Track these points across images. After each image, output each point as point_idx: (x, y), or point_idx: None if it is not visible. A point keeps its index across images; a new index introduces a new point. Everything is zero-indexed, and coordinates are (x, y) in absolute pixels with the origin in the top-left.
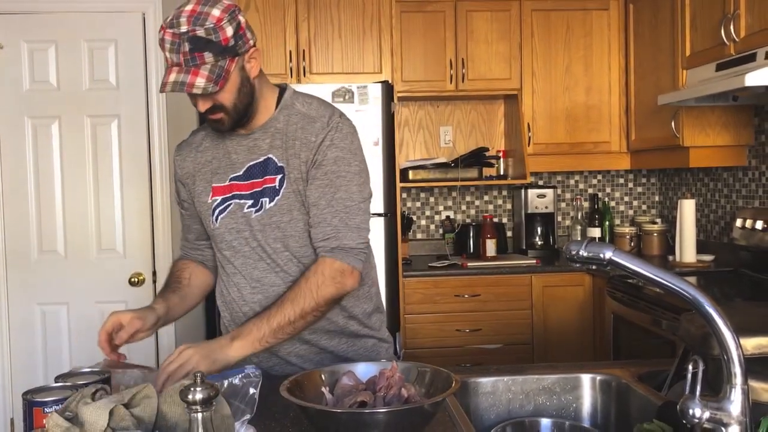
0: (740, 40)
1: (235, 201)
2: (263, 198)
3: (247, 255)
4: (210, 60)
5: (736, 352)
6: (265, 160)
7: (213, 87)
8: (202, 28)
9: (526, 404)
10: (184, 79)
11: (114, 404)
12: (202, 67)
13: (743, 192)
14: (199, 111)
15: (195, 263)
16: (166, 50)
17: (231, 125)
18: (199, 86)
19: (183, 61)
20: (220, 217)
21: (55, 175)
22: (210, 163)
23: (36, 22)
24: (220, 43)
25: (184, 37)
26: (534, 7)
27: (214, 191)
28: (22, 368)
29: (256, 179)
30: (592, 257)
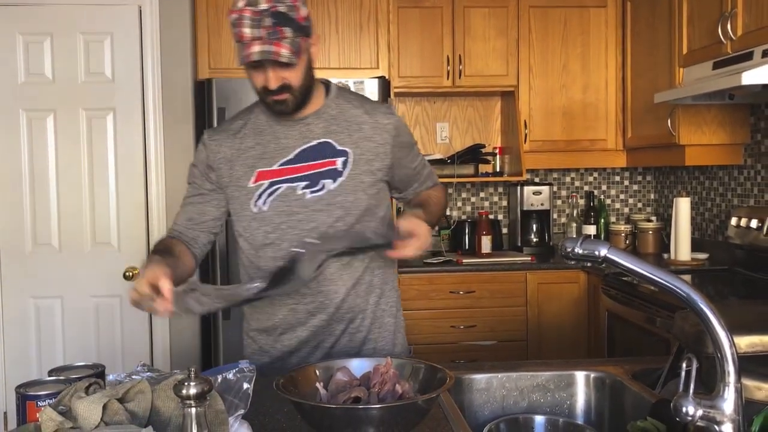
0: (737, 39)
1: (286, 185)
2: (324, 179)
3: (294, 239)
4: (289, 35)
5: (729, 351)
6: (320, 144)
7: (294, 59)
8: (283, 5)
9: (520, 401)
10: (270, 49)
11: (108, 399)
12: (283, 40)
13: (738, 191)
14: (268, 89)
15: (183, 244)
16: (246, 26)
17: (294, 107)
18: (285, 56)
19: (265, 34)
20: (269, 200)
21: (49, 168)
22: (253, 149)
23: (31, 14)
24: (297, 20)
25: (265, 13)
26: (531, 4)
27: (259, 175)
28: (15, 362)
29: (312, 162)
30: (587, 254)
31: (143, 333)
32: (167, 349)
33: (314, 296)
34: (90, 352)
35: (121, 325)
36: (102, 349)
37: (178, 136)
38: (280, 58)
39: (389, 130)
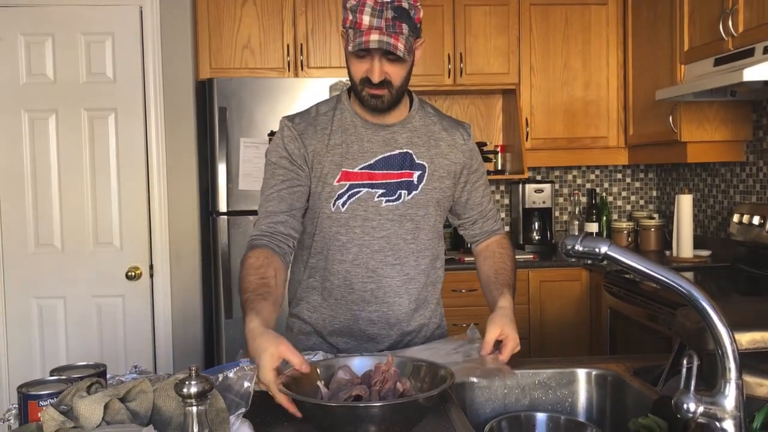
0: (739, 35)
1: (366, 189)
2: (401, 190)
3: (367, 244)
4: (406, 32)
5: (730, 347)
6: (402, 154)
7: (407, 56)
8: (406, 1)
9: (522, 398)
10: (389, 40)
11: (109, 398)
12: (400, 35)
13: (740, 187)
14: (371, 81)
15: (274, 255)
16: (366, 14)
17: (389, 104)
18: (401, 50)
19: (385, 26)
20: (348, 203)
21: (51, 168)
22: (340, 147)
23: (33, 15)
24: (414, 20)
25: (388, 5)
26: (532, 2)
27: (343, 175)
28: (18, 362)
29: (391, 170)
30: (587, 252)
31: (146, 333)
32: (169, 349)
33: (379, 305)
34: (93, 352)
35: (124, 324)
36: (105, 349)
37: (180, 136)
38: (397, 51)
39: (464, 151)
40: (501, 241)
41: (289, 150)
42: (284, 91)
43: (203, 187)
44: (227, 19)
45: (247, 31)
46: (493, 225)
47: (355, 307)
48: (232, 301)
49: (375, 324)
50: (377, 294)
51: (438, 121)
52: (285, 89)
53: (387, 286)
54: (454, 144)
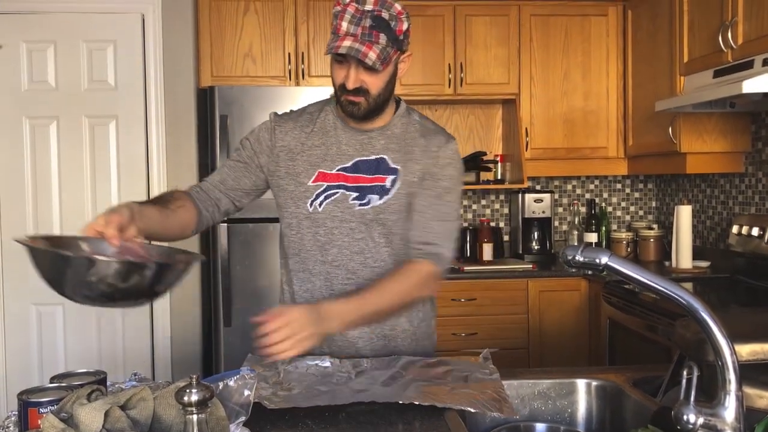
0: (738, 47)
1: (341, 191)
2: (371, 195)
3: (345, 245)
4: (383, 42)
5: (730, 359)
6: (377, 159)
7: (379, 65)
8: (387, 12)
9: (522, 408)
10: (359, 48)
11: (109, 405)
12: (375, 45)
13: (740, 198)
14: (346, 87)
15: (192, 203)
16: (344, 20)
17: (365, 113)
18: (371, 59)
19: (360, 34)
20: (325, 203)
21: (52, 174)
22: (318, 148)
23: (35, 22)
24: (395, 31)
25: (368, 14)
26: (533, 12)
27: (319, 176)
28: (17, 368)
29: (364, 174)
30: (588, 262)
31: (145, 340)
32: (168, 356)
33: None
34: (91, 358)
35: (123, 332)
36: (103, 355)
37: (181, 144)
38: (366, 59)
39: (432, 157)
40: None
41: (258, 137)
42: (285, 99)
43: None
44: (229, 28)
45: (248, 39)
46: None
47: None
48: (231, 309)
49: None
50: None
51: (419, 128)
52: (286, 98)
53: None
54: (427, 149)
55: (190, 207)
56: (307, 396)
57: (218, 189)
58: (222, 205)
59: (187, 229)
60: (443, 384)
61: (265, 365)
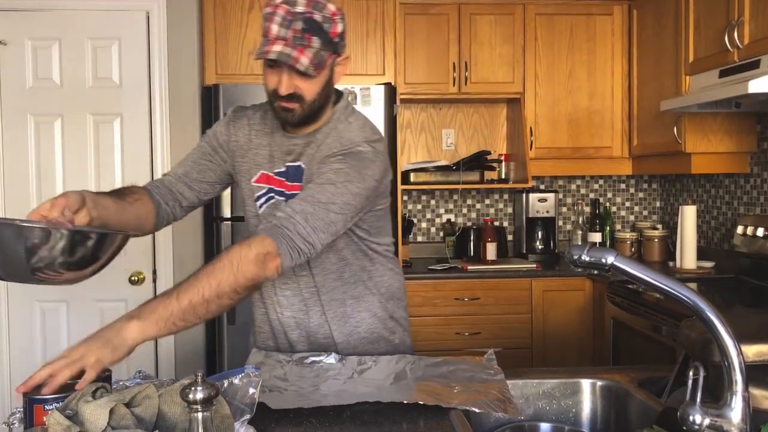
0: (744, 47)
1: (276, 196)
2: None
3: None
4: (316, 45)
5: (737, 359)
6: (297, 166)
7: (313, 71)
8: (320, 14)
9: (526, 408)
10: (291, 53)
11: (114, 403)
12: (307, 49)
13: (745, 199)
14: (279, 93)
15: (149, 197)
16: (275, 23)
17: (299, 120)
18: (303, 64)
19: (291, 37)
20: (264, 206)
21: (57, 172)
22: (264, 148)
23: (40, 20)
24: (329, 34)
25: (299, 16)
26: (538, 11)
27: (261, 177)
28: (20, 366)
29: (291, 182)
30: (594, 262)
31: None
32: (172, 355)
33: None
34: None
35: None
36: None
37: (185, 142)
38: (298, 65)
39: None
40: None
41: (215, 132)
42: None
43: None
44: (234, 25)
45: (253, 37)
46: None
47: (278, 308)
48: (234, 307)
49: (294, 330)
50: (292, 301)
51: (337, 134)
52: None
53: (299, 294)
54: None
55: (147, 201)
56: (311, 395)
57: (181, 182)
58: (185, 198)
59: (145, 223)
60: (448, 384)
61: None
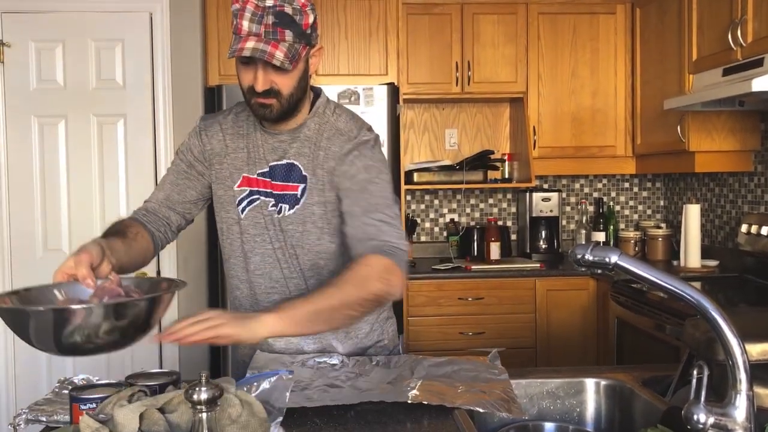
0: (747, 46)
1: (261, 197)
2: (283, 203)
3: (267, 254)
4: (290, 39)
5: (741, 358)
6: (288, 164)
7: (288, 64)
8: (290, 6)
9: (530, 408)
10: (264, 48)
11: (145, 408)
12: (281, 43)
13: (749, 197)
14: (255, 90)
15: (143, 228)
16: (245, 19)
17: (278, 115)
18: (278, 59)
19: (263, 32)
20: (247, 210)
21: (60, 173)
22: (242, 151)
23: (44, 22)
24: (301, 26)
25: (269, 10)
26: (541, 11)
27: (243, 181)
28: (25, 368)
29: (278, 181)
30: (597, 261)
31: None
32: (176, 358)
33: None
34: (99, 361)
35: None
36: (111, 356)
37: None
38: (273, 60)
39: (338, 158)
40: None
41: (189, 146)
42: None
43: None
44: None
45: None
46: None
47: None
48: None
49: (279, 339)
50: None
51: (329, 128)
52: None
53: (289, 299)
54: (331, 153)
55: (144, 233)
56: (315, 395)
57: (164, 206)
58: (173, 222)
59: (148, 255)
60: (452, 384)
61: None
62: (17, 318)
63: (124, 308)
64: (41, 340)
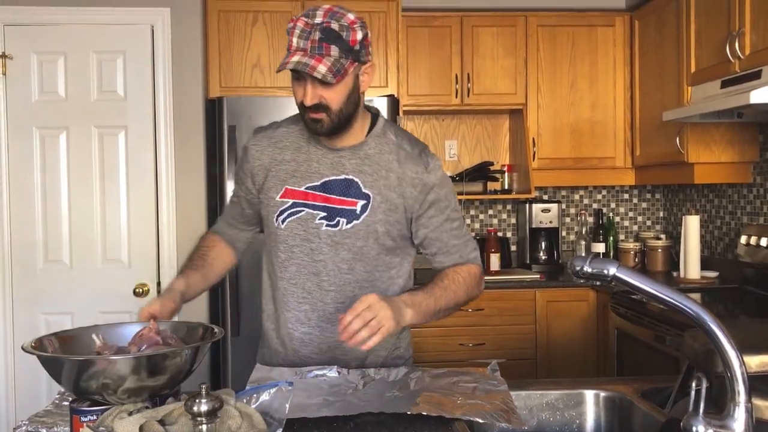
0: (745, 58)
1: (307, 210)
2: (340, 217)
3: (304, 265)
4: (335, 54)
5: (739, 370)
6: (346, 180)
7: (331, 78)
8: (337, 23)
9: (530, 419)
10: (307, 62)
11: (145, 420)
12: (326, 57)
13: (748, 209)
14: (305, 105)
15: (224, 242)
16: (295, 36)
17: (329, 129)
18: (320, 71)
19: (309, 47)
20: (288, 220)
21: (62, 185)
22: (288, 164)
23: (46, 34)
24: (348, 41)
25: (317, 27)
26: (540, 23)
27: (286, 192)
28: (26, 377)
29: (333, 195)
30: (596, 273)
31: None
32: None
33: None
34: None
35: None
36: None
37: (189, 154)
38: (315, 72)
39: (416, 185)
40: (469, 269)
41: (241, 165)
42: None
43: (212, 204)
44: (237, 39)
45: (257, 50)
46: (459, 259)
47: (289, 325)
48: (239, 320)
49: (307, 346)
50: (310, 316)
51: (395, 150)
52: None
53: (320, 310)
54: (403, 176)
55: (224, 247)
56: (315, 406)
57: (233, 226)
58: (241, 237)
59: (228, 269)
60: (451, 395)
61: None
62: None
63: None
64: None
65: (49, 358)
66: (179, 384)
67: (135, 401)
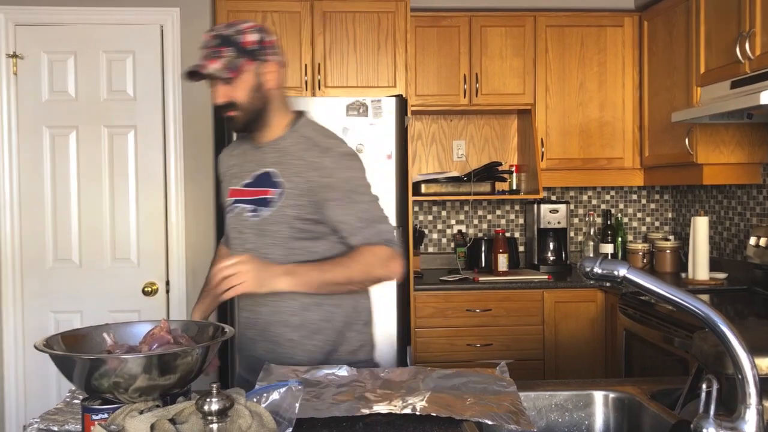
0: (755, 58)
1: (240, 205)
2: (262, 207)
3: (240, 253)
4: (229, 55)
5: (750, 372)
6: (267, 172)
7: (224, 73)
8: (232, 29)
9: (538, 420)
10: (201, 63)
11: (156, 418)
12: (219, 58)
13: (757, 210)
14: (216, 104)
15: None
16: (203, 48)
17: (243, 125)
18: (211, 68)
19: (207, 54)
20: (228, 216)
21: (71, 184)
22: (232, 168)
23: (56, 34)
24: (240, 44)
25: (216, 38)
26: (548, 23)
27: (230, 192)
28: (35, 375)
29: (259, 188)
30: (606, 274)
31: None
32: None
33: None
34: None
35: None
36: None
37: (198, 153)
38: (204, 70)
39: (317, 169)
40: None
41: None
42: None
43: (220, 204)
44: None
45: None
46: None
47: (239, 311)
48: None
49: (250, 328)
50: (246, 302)
51: (307, 141)
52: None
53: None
54: (308, 163)
55: None
56: (324, 406)
57: None
58: None
59: None
60: (460, 396)
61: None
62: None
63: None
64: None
65: (62, 357)
66: (190, 383)
67: (146, 400)
